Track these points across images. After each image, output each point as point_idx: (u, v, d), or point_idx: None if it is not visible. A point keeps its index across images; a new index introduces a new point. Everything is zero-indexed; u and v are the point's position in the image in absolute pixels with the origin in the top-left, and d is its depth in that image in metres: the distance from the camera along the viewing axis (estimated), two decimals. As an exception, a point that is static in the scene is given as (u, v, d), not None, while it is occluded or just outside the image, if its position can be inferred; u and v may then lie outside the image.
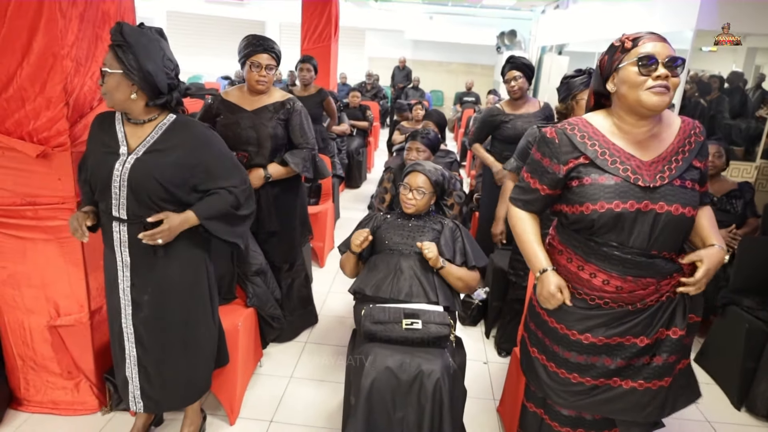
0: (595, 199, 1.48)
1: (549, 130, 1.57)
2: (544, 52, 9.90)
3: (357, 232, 2.19)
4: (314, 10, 5.62)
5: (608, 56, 1.51)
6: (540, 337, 1.72)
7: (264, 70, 2.47)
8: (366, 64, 12.58)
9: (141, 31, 1.67)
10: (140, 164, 1.70)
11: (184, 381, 1.95)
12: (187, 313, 1.88)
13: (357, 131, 6.33)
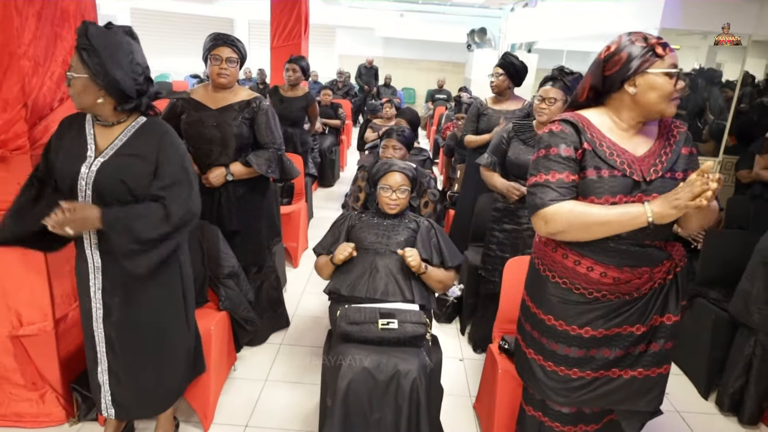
0: (600, 192, 1.48)
1: (553, 125, 1.57)
2: (514, 49, 10.00)
3: (342, 246, 2.14)
4: (284, 8, 5.55)
5: (630, 56, 1.46)
6: (536, 338, 1.70)
7: (224, 63, 2.43)
8: (337, 62, 12.51)
9: (108, 32, 1.61)
10: (107, 167, 1.66)
11: (157, 388, 1.90)
12: (159, 318, 1.84)
13: (329, 130, 6.29)
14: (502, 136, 2.67)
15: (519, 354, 1.81)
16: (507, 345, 2.15)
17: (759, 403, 2.47)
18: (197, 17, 11.47)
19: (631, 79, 1.47)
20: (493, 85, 3.40)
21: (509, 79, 3.36)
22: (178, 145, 1.78)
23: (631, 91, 1.48)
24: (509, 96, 3.45)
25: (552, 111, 2.51)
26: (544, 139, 1.57)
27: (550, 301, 1.64)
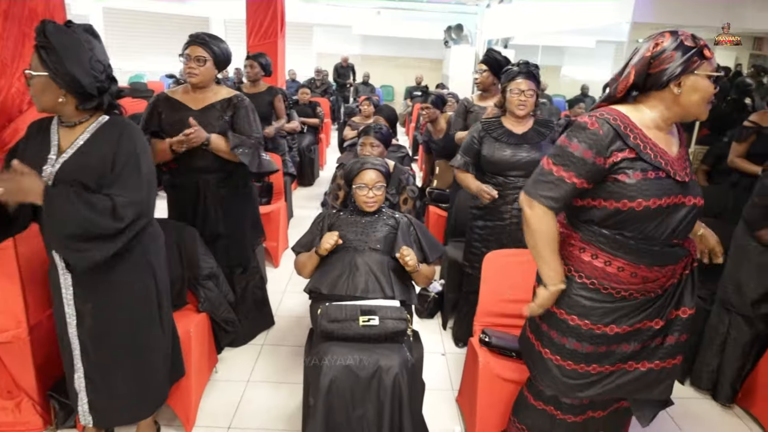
0: (648, 195, 1.46)
1: (589, 120, 1.48)
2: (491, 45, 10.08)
3: (327, 235, 2.14)
4: (259, 6, 5.51)
5: (680, 55, 1.42)
6: (555, 338, 1.66)
7: (192, 62, 2.40)
8: (315, 60, 12.46)
9: (66, 30, 1.59)
10: (67, 166, 1.64)
11: (135, 394, 1.87)
12: (133, 323, 1.81)
13: (308, 128, 6.26)
14: (473, 136, 2.68)
15: (532, 354, 1.77)
16: (488, 338, 2.17)
17: (733, 383, 2.54)
18: (172, 16, 11.32)
19: (678, 78, 1.44)
20: (478, 81, 3.42)
21: (493, 74, 3.37)
22: (136, 142, 1.70)
23: (676, 91, 1.45)
24: (494, 92, 3.44)
25: (531, 103, 2.55)
26: (579, 133, 1.49)
27: (574, 301, 1.60)
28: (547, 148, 2.57)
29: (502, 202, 2.59)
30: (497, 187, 2.60)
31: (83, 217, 1.56)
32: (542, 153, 2.54)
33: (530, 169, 2.52)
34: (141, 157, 1.70)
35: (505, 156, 2.55)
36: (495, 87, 3.44)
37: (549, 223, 1.55)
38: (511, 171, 2.56)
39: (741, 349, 2.49)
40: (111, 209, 1.60)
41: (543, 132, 2.60)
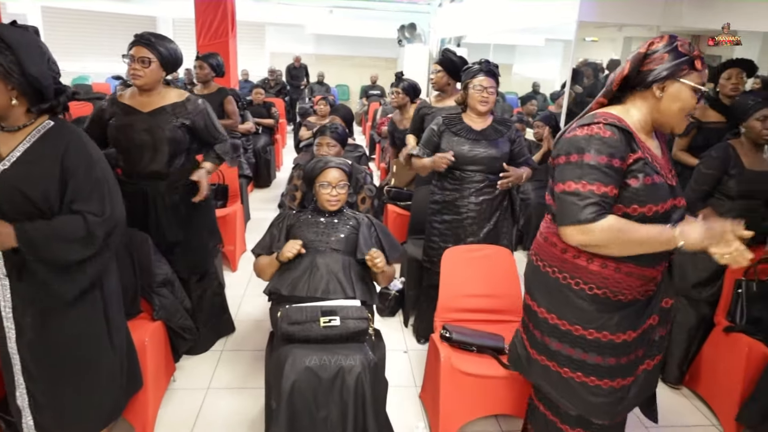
0: (649, 201, 1.44)
1: (599, 129, 1.42)
2: (444, 44, 10.19)
3: (290, 243, 2.11)
4: (208, 5, 5.39)
5: (670, 59, 1.41)
6: (573, 355, 1.58)
7: (136, 63, 2.32)
8: (268, 60, 12.28)
9: (22, 31, 1.53)
10: (6, 176, 1.53)
11: (84, 410, 1.79)
12: (78, 339, 1.72)
13: (263, 129, 6.18)
14: (433, 129, 2.72)
15: (550, 377, 1.65)
16: (448, 333, 2.20)
17: (680, 365, 2.66)
18: (116, 16, 10.90)
19: (662, 81, 1.43)
20: (433, 81, 3.45)
21: (448, 75, 3.39)
22: (88, 150, 1.64)
23: (658, 94, 1.44)
24: (451, 92, 3.46)
25: (492, 100, 2.61)
26: (591, 142, 1.42)
27: (589, 314, 1.54)
28: (504, 145, 2.63)
29: (459, 196, 2.64)
30: (455, 181, 2.64)
31: (62, 251, 1.57)
32: (499, 150, 2.60)
33: (487, 164, 2.58)
34: (96, 167, 1.64)
35: (463, 151, 2.59)
36: (450, 87, 3.47)
37: (611, 224, 1.41)
38: (469, 166, 2.60)
39: (686, 333, 2.62)
40: (86, 234, 1.58)
41: (501, 130, 2.66)
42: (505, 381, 2.11)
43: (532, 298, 1.67)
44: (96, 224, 1.59)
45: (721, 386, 2.45)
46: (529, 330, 1.72)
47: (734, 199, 2.45)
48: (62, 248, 1.56)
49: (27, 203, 1.54)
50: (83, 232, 1.57)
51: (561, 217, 1.47)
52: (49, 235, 1.54)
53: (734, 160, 2.45)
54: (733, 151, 2.48)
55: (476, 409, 2.20)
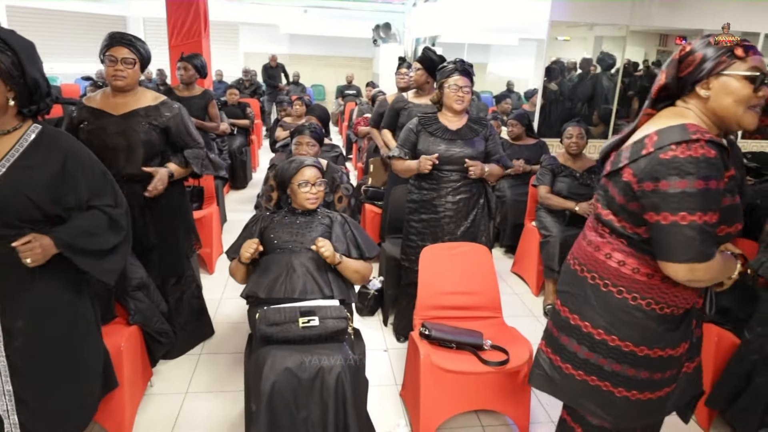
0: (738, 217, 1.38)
1: (704, 150, 1.27)
2: (419, 43, 10.24)
3: (246, 243, 2.11)
4: (180, 5, 5.32)
5: (705, 57, 1.34)
6: (630, 375, 1.48)
7: (120, 64, 2.29)
8: (242, 60, 12.17)
9: (16, 33, 1.54)
10: (7, 181, 1.52)
11: (72, 409, 1.77)
12: (69, 336, 1.71)
13: (238, 130, 6.12)
14: (410, 129, 2.73)
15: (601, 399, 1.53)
16: (428, 331, 2.21)
17: None
18: (85, 15, 10.67)
19: (704, 81, 1.35)
20: (412, 79, 3.46)
21: (427, 73, 3.41)
22: (87, 151, 1.71)
23: (704, 94, 1.36)
24: (429, 90, 3.49)
25: (468, 99, 2.63)
26: (699, 166, 1.27)
27: (658, 334, 1.45)
28: (480, 144, 2.65)
29: (437, 195, 2.65)
30: (432, 181, 2.66)
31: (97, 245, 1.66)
32: (475, 149, 2.62)
33: (462, 164, 2.60)
34: (97, 164, 1.72)
35: (440, 150, 2.61)
36: (429, 85, 3.49)
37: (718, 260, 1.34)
38: (445, 165, 2.62)
39: None
40: (110, 225, 1.69)
41: (476, 129, 2.68)
42: (485, 377, 2.14)
43: (582, 319, 1.53)
44: (117, 214, 1.72)
45: (692, 376, 2.52)
46: (566, 350, 1.57)
47: None
48: (97, 241, 1.66)
49: (31, 207, 1.54)
50: (107, 223, 1.69)
51: (671, 252, 1.32)
52: (81, 233, 1.62)
53: None
54: None
55: (456, 405, 2.22)
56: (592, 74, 5.03)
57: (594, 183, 3.57)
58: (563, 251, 3.40)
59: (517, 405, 2.23)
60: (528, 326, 3.25)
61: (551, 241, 3.46)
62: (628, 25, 4.75)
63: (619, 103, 5.05)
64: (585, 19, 4.78)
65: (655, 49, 6.74)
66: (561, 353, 1.58)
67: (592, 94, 5.05)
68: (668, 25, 5.06)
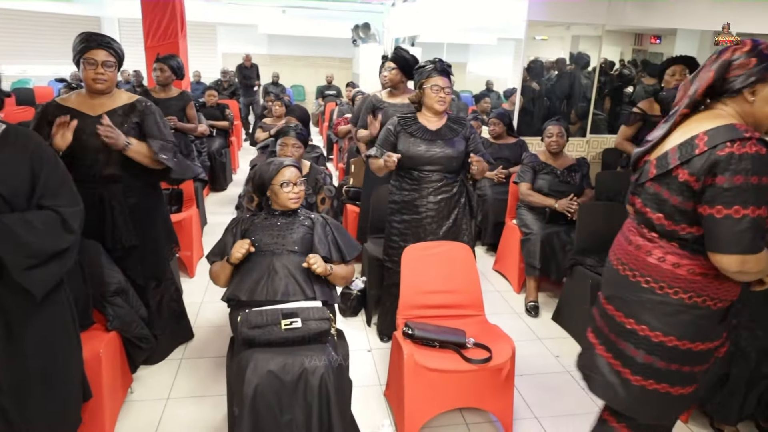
0: None
1: (757, 147, 1.33)
2: (398, 43, 10.24)
3: (237, 243, 2.09)
4: (156, 5, 5.24)
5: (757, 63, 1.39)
6: (686, 372, 1.53)
7: (101, 67, 2.25)
8: (220, 61, 12.05)
9: None
10: None
11: (55, 419, 1.74)
12: (49, 343, 1.68)
13: (217, 131, 6.06)
14: (389, 129, 2.73)
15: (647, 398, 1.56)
16: (411, 330, 2.22)
17: None
18: (58, 16, 10.45)
19: (752, 86, 1.40)
20: (387, 78, 3.45)
21: (402, 72, 3.42)
22: (51, 150, 1.69)
23: (750, 98, 1.41)
24: (403, 89, 3.50)
25: (448, 99, 2.63)
26: (755, 163, 1.33)
27: (712, 329, 1.51)
28: (460, 144, 2.65)
29: (418, 195, 2.66)
30: (413, 181, 2.66)
31: (37, 240, 1.54)
32: (455, 149, 2.62)
33: (443, 164, 2.61)
34: (60, 164, 1.68)
35: (420, 151, 2.61)
36: (403, 84, 3.50)
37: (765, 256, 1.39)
38: (426, 166, 2.63)
39: None
40: (62, 224, 1.60)
41: (456, 129, 2.68)
42: (469, 375, 2.14)
43: (638, 323, 1.55)
44: (71, 215, 1.63)
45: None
46: (625, 355, 1.59)
47: None
48: (41, 237, 1.56)
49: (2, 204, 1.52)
50: (59, 224, 1.60)
51: (724, 245, 1.37)
52: (21, 225, 1.53)
53: None
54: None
55: (441, 403, 2.23)
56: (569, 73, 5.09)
57: (574, 181, 3.62)
58: (544, 248, 3.44)
59: (501, 402, 2.25)
60: (510, 323, 3.28)
61: (532, 239, 3.49)
62: (604, 24, 4.82)
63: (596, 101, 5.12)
64: (562, 19, 4.84)
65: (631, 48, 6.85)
66: (621, 358, 1.60)
67: (569, 93, 5.11)
68: (643, 25, 5.14)
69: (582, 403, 2.55)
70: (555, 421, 2.42)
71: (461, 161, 2.66)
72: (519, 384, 2.63)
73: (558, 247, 3.43)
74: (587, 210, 3.22)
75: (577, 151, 5.09)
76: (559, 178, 3.60)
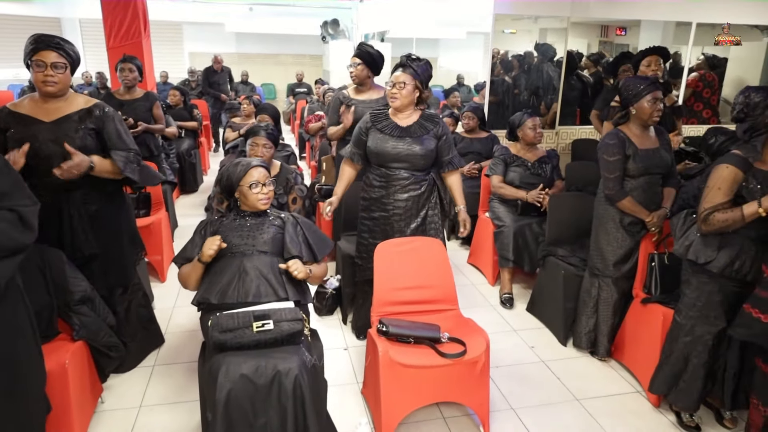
0: None
1: None
2: (368, 39, 10.20)
3: (208, 240, 2.05)
4: (116, 5, 5.11)
5: None
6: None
7: (50, 69, 2.17)
8: (187, 60, 11.83)
9: None
10: None
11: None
12: (8, 359, 1.61)
13: (186, 132, 5.95)
14: (361, 128, 2.71)
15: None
16: (385, 327, 2.21)
17: (608, 339, 2.81)
18: (17, 18, 10.10)
19: None
20: (353, 75, 3.42)
21: (367, 68, 3.39)
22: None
23: None
24: (370, 85, 3.47)
25: (403, 95, 2.58)
26: None
27: None
28: (429, 141, 2.63)
29: (386, 193, 2.64)
30: (381, 179, 2.65)
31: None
32: (423, 146, 2.60)
33: (410, 161, 2.59)
34: (11, 170, 1.63)
35: (387, 148, 2.60)
36: (370, 80, 3.47)
37: None
38: (392, 163, 2.61)
39: (611, 308, 2.76)
40: (18, 220, 1.55)
41: (427, 126, 2.64)
42: (444, 369, 2.15)
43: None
44: (29, 213, 1.60)
45: (642, 354, 2.62)
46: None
47: (636, 177, 2.59)
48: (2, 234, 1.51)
49: None
50: (17, 222, 1.56)
51: None
52: None
53: (627, 142, 2.58)
54: (623, 134, 2.60)
55: (417, 399, 2.22)
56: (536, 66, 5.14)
57: (545, 173, 3.65)
58: (516, 240, 3.46)
59: (477, 395, 2.26)
60: (485, 316, 3.31)
61: (505, 231, 3.52)
62: (569, 17, 4.88)
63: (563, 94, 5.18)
64: (527, 12, 4.88)
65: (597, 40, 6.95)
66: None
67: (538, 85, 5.17)
68: (606, 17, 5.22)
69: (558, 393, 2.59)
70: (531, 411, 2.44)
71: (430, 159, 2.64)
72: (495, 376, 2.65)
73: (531, 239, 3.47)
74: (558, 201, 3.25)
75: (547, 142, 5.15)
76: (530, 171, 3.63)
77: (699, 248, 2.17)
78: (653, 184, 2.63)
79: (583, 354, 2.93)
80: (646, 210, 2.58)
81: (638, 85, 2.53)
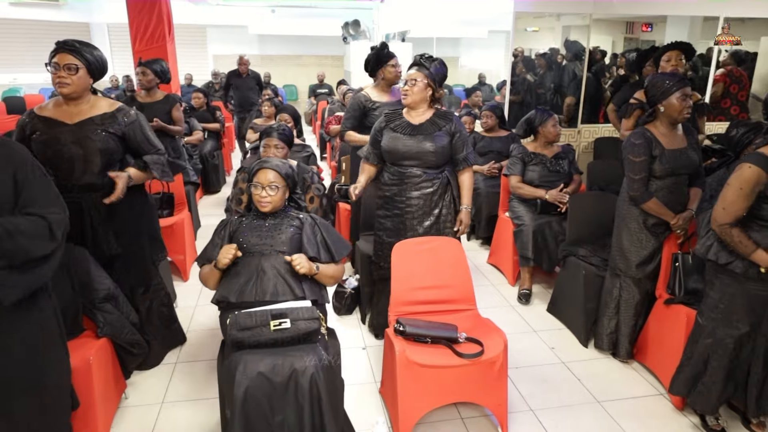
0: None
1: None
2: (389, 39, 10.20)
3: (224, 249, 2.07)
4: (142, 9, 5.22)
5: None
6: None
7: (63, 71, 2.23)
8: (211, 62, 12.02)
9: None
10: None
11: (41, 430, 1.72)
12: (34, 354, 1.66)
13: (209, 133, 6.04)
14: (376, 128, 2.73)
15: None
16: (402, 327, 2.21)
17: (630, 340, 2.77)
18: (46, 24, 10.40)
19: None
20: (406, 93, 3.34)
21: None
22: (34, 159, 1.68)
23: None
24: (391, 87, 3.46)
25: (414, 92, 2.58)
26: None
27: None
28: (442, 138, 2.62)
29: (399, 191, 2.64)
30: (395, 177, 2.65)
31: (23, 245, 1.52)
32: (434, 144, 2.59)
33: (421, 158, 2.59)
34: (41, 170, 1.67)
35: (398, 146, 2.60)
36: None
37: None
38: (404, 160, 2.61)
39: (633, 309, 2.71)
40: (47, 229, 1.59)
41: (439, 123, 2.63)
42: (461, 369, 2.14)
43: None
44: (56, 222, 1.63)
45: (665, 356, 2.56)
46: None
47: (662, 178, 2.53)
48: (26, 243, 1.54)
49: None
50: (46, 231, 1.59)
51: None
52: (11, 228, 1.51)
53: (654, 142, 2.52)
54: (650, 134, 2.53)
55: (434, 399, 2.22)
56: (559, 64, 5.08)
57: (562, 168, 3.61)
58: (536, 239, 3.43)
59: (495, 395, 2.24)
60: (505, 316, 3.28)
61: (524, 230, 3.48)
62: (592, 13, 4.80)
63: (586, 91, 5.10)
64: (549, 9, 4.83)
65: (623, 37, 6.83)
66: None
67: (560, 84, 5.10)
68: (629, 12, 5.13)
69: (578, 395, 2.55)
70: (551, 413, 2.42)
71: (442, 157, 2.63)
72: (514, 377, 2.63)
73: (550, 237, 3.43)
74: (579, 200, 3.21)
75: (570, 141, 5.09)
76: (549, 168, 3.59)
77: (719, 248, 2.12)
78: (679, 185, 2.57)
79: (605, 355, 2.88)
80: (671, 212, 2.52)
81: (667, 82, 2.45)
